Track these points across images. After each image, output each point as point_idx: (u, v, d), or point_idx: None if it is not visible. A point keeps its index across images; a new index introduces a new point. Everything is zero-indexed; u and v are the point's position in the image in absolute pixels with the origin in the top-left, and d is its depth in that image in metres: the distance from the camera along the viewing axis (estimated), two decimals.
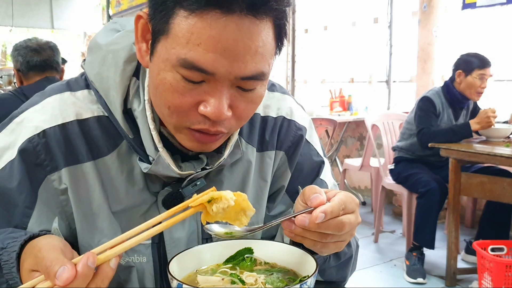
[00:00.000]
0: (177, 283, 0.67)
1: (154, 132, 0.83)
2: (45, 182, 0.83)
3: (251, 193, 0.96)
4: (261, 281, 0.75)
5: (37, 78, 2.57)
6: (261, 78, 0.75)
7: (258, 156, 0.97)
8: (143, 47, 0.79)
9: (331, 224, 0.72)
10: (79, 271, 0.62)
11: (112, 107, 0.85)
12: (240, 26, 0.69)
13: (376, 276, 3.44)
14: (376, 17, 5.46)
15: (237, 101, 0.76)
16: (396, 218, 4.74)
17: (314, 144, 1.03)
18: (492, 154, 2.89)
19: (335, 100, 5.43)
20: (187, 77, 0.72)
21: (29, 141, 0.82)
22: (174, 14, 0.70)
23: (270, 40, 0.74)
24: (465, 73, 3.39)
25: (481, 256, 2.80)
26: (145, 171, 0.84)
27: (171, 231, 0.89)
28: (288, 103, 1.02)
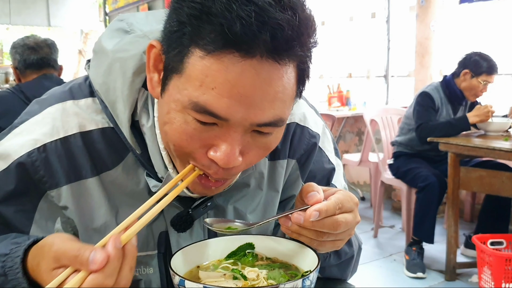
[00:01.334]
0: (179, 279, 0.67)
1: (164, 152, 0.79)
2: (45, 197, 0.81)
3: (261, 203, 0.94)
4: (263, 276, 0.75)
5: (34, 76, 2.56)
6: (279, 125, 0.70)
7: (270, 165, 0.93)
8: (154, 78, 0.74)
9: (326, 223, 0.71)
10: (111, 253, 0.61)
11: (118, 121, 0.80)
12: (259, 71, 0.63)
13: (376, 271, 3.45)
14: (373, 12, 5.45)
15: (249, 147, 0.71)
16: (395, 213, 4.75)
17: (326, 150, 1.00)
18: (491, 148, 2.89)
19: (333, 95, 5.43)
20: (198, 119, 0.67)
21: (28, 156, 0.78)
22: (190, 53, 0.65)
23: (292, 85, 0.69)
24: (472, 74, 3.37)
25: (480, 250, 2.81)
26: (154, 190, 0.80)
27: (178, 241, 0.87)
28: (301, 108, 0.97)
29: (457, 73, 3.47)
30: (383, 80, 5.31)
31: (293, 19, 0.63)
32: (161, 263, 0.87)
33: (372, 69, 5.40)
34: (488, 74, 3.35)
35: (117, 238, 0.62)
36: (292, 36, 0.63)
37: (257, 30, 0.61)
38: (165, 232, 0.86)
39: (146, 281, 0.87)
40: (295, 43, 0.65)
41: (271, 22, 0.61)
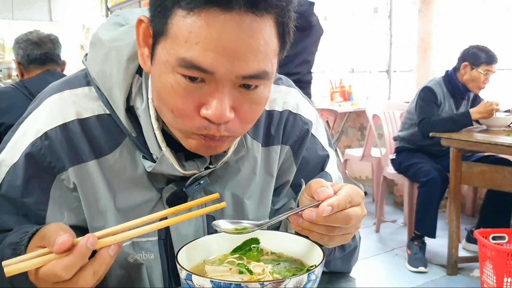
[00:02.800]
0: (186, 273, 0.68)
1: (157, 132, 0.82)
2: (56, 182, 0.84)
3: (257, 188, 0.96)
4: (269, 270, 0.76)
5: (37, 71, 2.56)
6: (264, 77, 0.73)
7: (264, 151, 0.96)
8: (145, 52, 0.78)
9: (338, 217, 0.72)
10: (76, 248, 0.63)
11: (114, 106, 0.83)
12: (239, 24, 0.66)
13: (378, 265, 3.46)
14: (376, 7, 5.44)
15: (240, 102, 0.74)
16: (397, 207, 4.76)
17: (319, 137, 1.02)
18: (493, 143, 2.89)
19: (336, 90, 5.43)
20: (186, 74, 0.70)
21: (32, 146, 0.82)
22: (173, 14, 0.69)
23: (273, 39, 0.71)
24: (472, 66, 3.38)
25: (482, 244, 2.82)
26: (149, 170, 0.84)
27: (178, 228, 0.89)
28: (294, 97, 1.00)
29: (457, 67, 3.47)
30: (385, 75, 5.31)
31: None
32: (161, 249, 0.90)
33: (374, 64, 5.40)
34: (487, 64, 3.35)
35: (91, 238, 0.64)
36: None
37: None
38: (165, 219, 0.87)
39: (148, 267, 0.90)
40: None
41: None
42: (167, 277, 0.91)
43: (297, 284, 0.66)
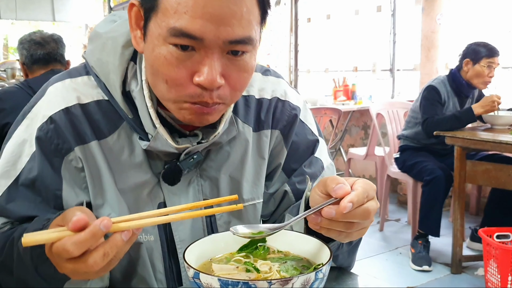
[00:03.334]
0: (194, 271, 0.69)
1: (151, 110, 0.87)
2: (65, 164, 0.89)
3: (251, 170, 1.01)
4: (276, 269, 0.76)
5: (41, 71, 2.57)
6: (249, 43, 0.78)
7: (255, 135, 1.01)
8: (137, 34, 0.84)
9: (357, 213, 0.73)
10: (90, 228, 0.64)
11: (111, 89, 0.89)
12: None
13: (382, 264, 3.46)
14: (379, 5, 5.43)
15: (229, 69, 0.79)
16: (401, 206, 4.75)
17: (308, 123, 1.07)
18: (497, 142, 2.89)
19: (339, 89, 5.42)
20: (177, 43, 0.75)
21: (40, 130, 0.88)
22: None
23: (255, 7, 0.78)
24: (473, 62, 3.37)
25: (486, 243, 2.81)
26: (144, 147, 0.88)
27: None
28: (282, 86, 1.06)
29: (460, 66, 3.46)
30: (389, 74, 5.30)
31: None
32: (161, 232, 0.95)
33: (378, 62, 5.39)
34: (488, 57, 3.34)
35: (105, 220, 0.65)
36: None
37: None
38: (163, 203, 0.94)
39: (148, 248, 0.94)
40: None
41: None
42: (167, 257, 0.96)
43: (305, 282, 0.67)
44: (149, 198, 0.93)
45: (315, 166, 1.05)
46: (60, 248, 0.65)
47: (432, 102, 3.44)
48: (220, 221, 0.99)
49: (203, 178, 0.97)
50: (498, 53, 3.37)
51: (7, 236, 0.87)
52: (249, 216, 1.01)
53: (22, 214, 0.88)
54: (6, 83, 4.73)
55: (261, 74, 1.06)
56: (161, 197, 0.94)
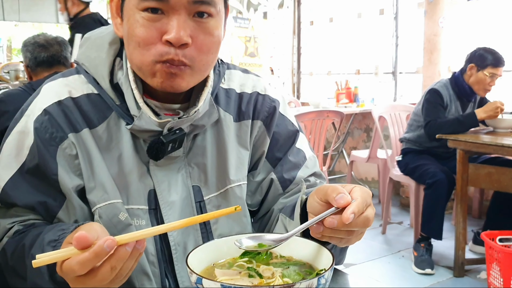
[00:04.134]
0: (197, 277, 0.69)
1: (136, 91, 0.93)
2: (59, 152, 0.94)
3: (233, 156, 1.06)
4: (278, 274, 0.76)
5: (45, 74, 2.57)
6: (212, 4, 0.87)
7: (236, 126, 1.08)
8: (118, 21, 0.94)
9: (359, 222, 0.76)
10: (94, 248, 0.68)
11: (100, 80, 0.97)
12: None
13: (384, 267, 3.46)
14: (381, 9, 5.43)
15: (196, 32, 0.87)
16: (403, 209, 4.75)
17: (288, 116, 1.15)
18: (500, 145, 2.89)
19: (342, 92, 5.42)
20: (147, 6, 0.85)
21: (36, 122, 0.94)
22: None
23: None
24: (478, 68, 3.36)
25: (489, 246, 2.81)
26: (129, 128, 0.94)
27: (165, 196, 0.99)
28: (262, 83, 1.14)
29: (464, 69, 3.46)
30: (391, 77, 5.30)
31: None
32: (152, 218, 0.99)
33: (380, 65, 5.39)
34: (493, 66, 3.33)
35: (109, 240, 0.68)
36: None
37: None
38: (153, 190, 0.99)
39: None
40: None
41: None
42: (158, 241, 0.99)
43: (307, 287, 0.67)
44: (139, 185, 0.98)
45: (297, 155, 1.13)
46: (67, 267, 0.69)
47: (435, 105, 3.44)
48: (210, 205, 1.04)
49: (191, 166, 1.02)
50: (504, 63, 3.36)
51: (17, 241, 0.91)
52: (236, 196, 1.07)
53: (27, 201, 0.94)
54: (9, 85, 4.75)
55: (242, 72, 1.14)
56: (151, 184, 0.99)
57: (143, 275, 0.97)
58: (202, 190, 1.03)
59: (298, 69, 6.55)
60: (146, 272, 0.97)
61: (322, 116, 4.24)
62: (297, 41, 6.51)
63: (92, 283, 0.69)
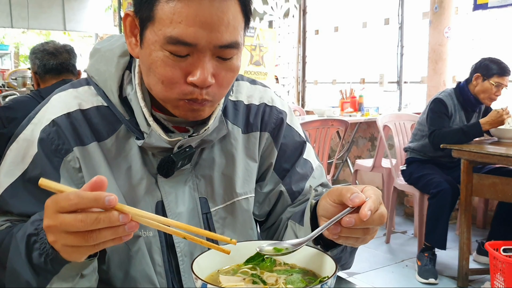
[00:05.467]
0: (202, 282, 0.70)
1: (145, 109, 0.94)
2: (63, 164, 0.95)
3: (241, 168, 1.07)
4: (282, 281, 0.77)
5: (53, 81, 2.61)
6: (236, 47, 0.87)
7: (245, 137, 1.09)
8: (132, 41, 0.93)
9: (375, 218, 0.78)
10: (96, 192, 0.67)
11: (109, 95, 0.97)
12: (212, 3, 0.82)
13: (388, 276, 3.45)
14: (387, 18, 5.46)
15: (218, 70, 0.88)
16: (407, 218, 4.74)
17: (295, 127, 1.16)
18: (504, 155, 2.89)
19: (346, 100, 5.44)
20: (174, 52, 0.84)
21: (43, 132, 0.95)
22: (157, 1, 0.83)
23: (239, 15, 0.87)
24: (483, 77, 3.38)
25: (493, 256, 2.80)
26: (140, 144, 0.95)
27: (173, 207, 0.99)
28: (269, 94, 1.15)
29: (470, 79, 3.47)
30: (396, 86, 5.32)
31: None
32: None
33: (385, 75, 5.40)
34: (499, 75, 3.34)
35: (114, 197, 0.66)
36: None
37: None
38: (161, 202, 1.00)
39: (147, 242, 0.99)
40: None
41: None
42: (165, 251, 1.00)
43: None
44: (147, 196, 0.99)
45: (305, 166, 1.14)
46: (63, 196, 0.68)
47: (439, 115, 3.44)
48: (216, 217, 1.05)
49: (198, 178, 1.03)
50: (509, 72, 3.37)
51: (6, 233, 0.91)
52: (242, 209, 1.08)
53: (24, 210, 0.93)
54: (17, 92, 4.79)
55: (249, 83, 1.15)
56: (159, 196, 0.99)
57: (150, 286, 0.98)
58: (208, 202, 1.04)
59: (303, 77, 6.57)
60: (153, 283, 0.98)
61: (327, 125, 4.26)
62: (302, 50, 6.54)
63: (71, 220, 0.67)
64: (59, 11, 8.49)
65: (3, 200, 0.95)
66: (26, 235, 0.80)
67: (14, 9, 8.14)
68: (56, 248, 0.73)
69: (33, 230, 0.79)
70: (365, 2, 5.81)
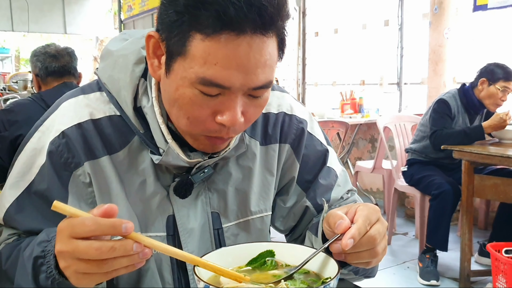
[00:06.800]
0: (204, 284, 0.70)
1: (163, 126, 0.89)
2: (73, 178, 0.91)
3: (258, 183, 1.03)
4: (284, 282, 0.77)
5: (55, 84, 2.61)
6: (269, 86, 0.83)
7: (262, 149, 1.04)
8: (155, 63, 0.85)
9: (363, 242, 0.76)
10: (113, 219, 0.67)
11: (123, 105, 0.91)
12: (251, 44, 0.76)
13: (390, 278, 3.45)
14: (386, 20, 5.46)
15: (248, 107, 0.83)
16: (408, 220, 4.74)
17: (316, 134, 1.10)
18: (506, 156, 2.89)
19: (346, 102, 5.44)
20: (205, 92, 0.78)
21: (52, 144, 0.90)
22: (190, 37, 0.76)
23: (275, 52, 0.81)
24: (489, 82, 3.38)
25: (495, 258, 2.80)
26: (156, 162, 0.90)
27: (184, 223, 0.96)
28: (287, 100, 1.09)
29: (475, 84, 3.47)
30: (396, 87, 5.32)
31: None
32: (170, 244, 0.95)
33: (385, 76, 5.41)
34: (505, 80, 3.34)
35: (131, 224, 0.67)
36: (274, 12, 0.76)
37: (247, 12, 0.73)
38: (172, 216, 0.96)
39: (157, 260, 0.96)
40: (277, 18, 0.77)
41: (257, 3, 0.73)
42: (176, 269, 0.98)
43: None
44: (158, 211, 0.95)
45: (329, 176, 1.09)
46: (79, 220, 0.66)
47: (442, 115, 3.44)
48: (228, 233, 1.01)
49: (211, 191, 0.99)
50: None
51: (14, 246, 0.89)
52: (256, 228, 1.04)
53: (30, 226, 0.90)
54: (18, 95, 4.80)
55: None
56: (170, 210, 0.96)
57: None
58: (221, 217, 1.00)
59: (303, 79, 6.57)
60: None
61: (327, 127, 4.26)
62: (302, 52, 6.55)
63: (85, 247, 0.66)
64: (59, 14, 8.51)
65: (8, 216, 0.92)
66: (32, 257, 0.78)
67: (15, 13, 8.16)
68: (67, 274, 0.71)
69: (40, 252, 0.77)
70: (364, 4, 5.81)
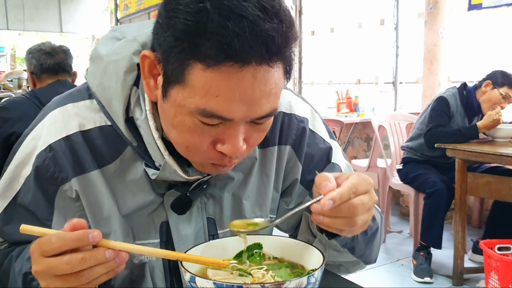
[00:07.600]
0: (190, 275, 0.71)
1: (159, 141, 0.85)
2: (59, 193, 0.88)
3: (253, 188, 1.00)
4: (270, 275, 0.78)
5: (50, 81, 2.62)
6: (273, 114, 0.78)
7: (260, 152, 0.99)
8: (151, 83, 0.80)
9: (342, 209, 0.74)
10: (79, 231, 0.67)
11: (114, 117, 0.86)
12: (256, 75, 0.70)
13: (384, 275, 3.46)
14: (382, 19, 5.47)
15: (250, 133, 0.79)
16: (403, 218, 4.75)
17: (318, 132, 1.05)
18: (499, 154, 2.90)
19: (342, 101, 5.45)
20: (206, 122, 0.74)
21: (38, 157, 0.87)
22: (190, 66, 0.71)
23: (281, 79, 0.76)
24: (493, 85, 3.39)
25: (487, 255, 2.81)
26: (153, 177, 0.87)
27: (179, 229, 0.93)
28: (286, 98, 1.03)
29: (479, 85, 3.48)
30: (392, 87, 5.33)
31: (281, 27, 0.70)
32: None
33: (381, 75, 5.42)
34: (509, 87, 3.36)
35: (98, 233, 0.68)
36: (281, 42, 0.71)
37: (252, 43, 0.67)
38: (165, 222, 0.93)
39: (150, 266, 0.94)
40: (284, 47, 0.72)
41: (263, 34, 0.68)
42: (169, 276, 0.95)
43: (297, 286, 0.69)
44: (151, 218, 0.93)
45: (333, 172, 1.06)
46: (45, 239, 0.67)
47: (439, 113, 3.44)
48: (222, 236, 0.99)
49: (207, 197, 0.96)
50: None
51: (5, 254, 0.89)
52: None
53: (18, 239, 0.89)
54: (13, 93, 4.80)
55: None
56: (164, 216, 0.93)
57: None
58: (216, 223, 0.97)
59: (299, 78, 6.58)
60: None
61: None
62: (298, 51, 6.55)
63: (57, 264, 0.66)
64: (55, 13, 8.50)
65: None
66: (22, 274, 0.78)
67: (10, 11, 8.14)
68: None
69: (29, 268, 0.76)
70: (360, 3, 5.82)
